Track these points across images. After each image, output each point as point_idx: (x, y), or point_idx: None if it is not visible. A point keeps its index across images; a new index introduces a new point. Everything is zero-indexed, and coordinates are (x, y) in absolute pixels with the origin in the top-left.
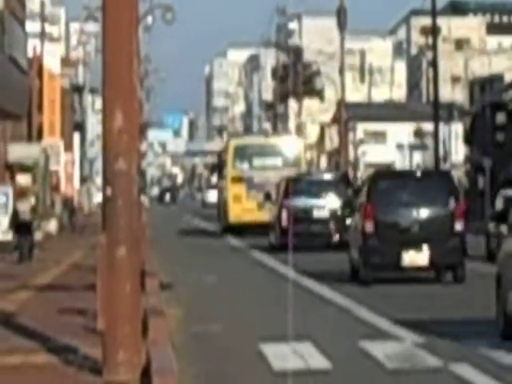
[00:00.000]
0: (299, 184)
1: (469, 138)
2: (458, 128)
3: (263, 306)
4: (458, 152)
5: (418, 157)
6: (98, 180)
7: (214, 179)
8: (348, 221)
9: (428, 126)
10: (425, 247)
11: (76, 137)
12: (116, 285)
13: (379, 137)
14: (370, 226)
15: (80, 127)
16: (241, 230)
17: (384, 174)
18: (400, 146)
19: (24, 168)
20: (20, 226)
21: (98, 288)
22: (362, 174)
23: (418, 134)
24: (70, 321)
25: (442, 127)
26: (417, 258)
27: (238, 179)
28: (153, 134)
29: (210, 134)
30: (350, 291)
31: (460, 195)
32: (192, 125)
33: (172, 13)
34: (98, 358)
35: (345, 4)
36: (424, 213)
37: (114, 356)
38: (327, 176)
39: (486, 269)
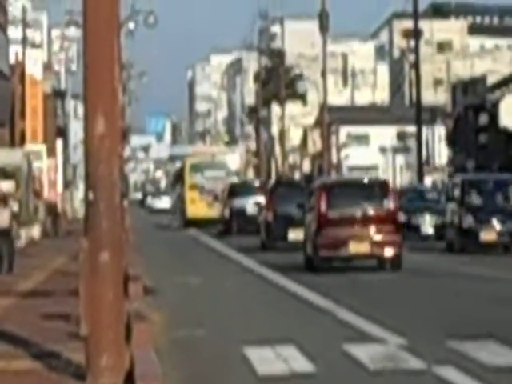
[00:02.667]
0: (237, 188)
1: (452, 140)
2: (440, 131)
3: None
4: (441, 154)
5: (401, 159)
6: (82, 185)
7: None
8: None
9: (411, 129)
10: (367, 239)
11: (59, 142)
12: (99, 290)
13: (362, 140)
14: (320, 223)
15: (63, 133)
16: (196, 223)
17: (332, 183)
18: (383, 149)
19: (7, 174)
20: None
21: (80, 293)
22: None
23: (401, 136)
24: (53, 326)
25: (425, 130)
26: (360, 247)
27: (193, 186)
28: (136, 140)
29: (193, 139)
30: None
31: (395, 198)
32: (175, 129)
33: (154, 17)
34: (82, 363)
35: (326, 7)
36: (365, 211)
37: (97, 361)
38: (256, 182)
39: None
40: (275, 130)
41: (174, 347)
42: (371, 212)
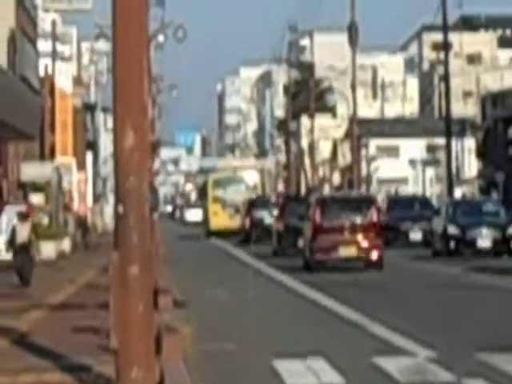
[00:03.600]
0: (256, 202)
1: (481, 153)
2: (470, 143)
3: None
4: (471, 167)
5: (430, 172)
6: (112, 198)
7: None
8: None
9: (440, 141)
10: (354, 244)
11: (89, 156)
12: (129, 303)
13: (392, 152)
14: (315, 231)
15: (92, 146)
16: (218, 233)
17: (325, 198)
18: (413, 162)
19: (37, 187)
20: (18, 248)
21: (110, 306)
22: (375, 189)
23: (431, 149)
24: (84, 339)
25: (455, 142)
26: (349, 251)
27: (215, 200)
28: (166, 152)
29: (223, 152)
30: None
31: (378, 210)
32: (205, 142)
33: (183, 30)
34: (112, 376)
35: (356, 20)
36: (353, 221)
37: (127, 374)
38: (273, 197)
39: None
40: (305, 142)
41: (204, 360)
42: (358, 222)
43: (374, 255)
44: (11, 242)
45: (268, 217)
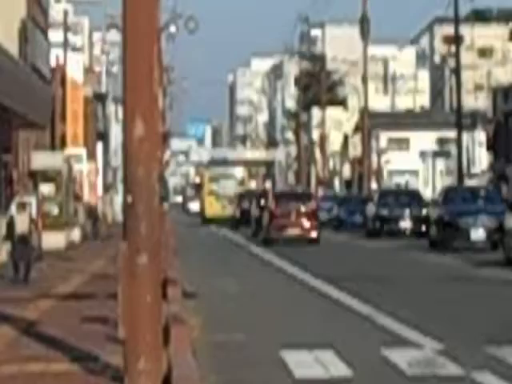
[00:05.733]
0: (245, 195)
1: (492, 146)
2: (481, 136)
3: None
4: (482, 160)
5: (441, 164)
6: (122, 188)
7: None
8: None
9: (451, 134)
10: (298, 226)
11: (99, 146)
12: (137, 293)
13: (402, 145)
14: (272, 216)
15: (103, 136)
16: (212, 221)
17: (278, 192)
18: (423, 154)
19: (47, 177)
20: (16, 240)
21: (118, 296)
22: (385, 181)
23: (441, 142)
24: (92, 329)
25: (466, 135)
26: (295, 231)
27: (210, 193)
28: (176, 143)
29: (233, 143)
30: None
31: (316, 201)
32: (215, 133)
33: (194, 22)
34: (120, 366)
35: (367, 13)
36: (298, 207)
37: (135, 364)
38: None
39: None
40: (316, 134)
41: (212, 351)
42: (302, 210)
43: (313, 234)
44: (8, 234)
45: (254, 207)
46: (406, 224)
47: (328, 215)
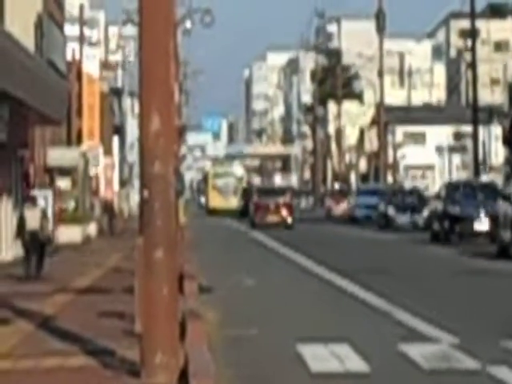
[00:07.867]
0: (247, 190)
1: (508, 140)
2: (497, 130)
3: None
4: (498, 154)
5: (457, 159)
6: (138, 183)
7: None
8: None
9: (467, 129)
10: (277, 214)
11: (115, 140)
12: (153, 287)
13: (418, 139)
14: (255, 206)
15: (119, 131)
16: (216, 212)
17: (260, 187)
18: (439, 149)
19: (63, 172)
20: (27, 236)
21: (135, 290)
22: (402, 176)
23: (458, 136)
24: (108, 323)
25: (482, 129)
26: (274, 218)
27: (214, 187)
28: (192, 138)
29: (250, 137)
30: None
31: (292, 195)
32: (231, 128)
33: (210, 16)
34: (136, 361)
35: (383, 7)
36: (277, 201)
37: (151, 358)
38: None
39: None
40: (332, 128)
41: (228, 345)
42: (280, 201)
43: (289, 220)
44: (19, 230)
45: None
46: (481, 226)
47: (367, 211)
